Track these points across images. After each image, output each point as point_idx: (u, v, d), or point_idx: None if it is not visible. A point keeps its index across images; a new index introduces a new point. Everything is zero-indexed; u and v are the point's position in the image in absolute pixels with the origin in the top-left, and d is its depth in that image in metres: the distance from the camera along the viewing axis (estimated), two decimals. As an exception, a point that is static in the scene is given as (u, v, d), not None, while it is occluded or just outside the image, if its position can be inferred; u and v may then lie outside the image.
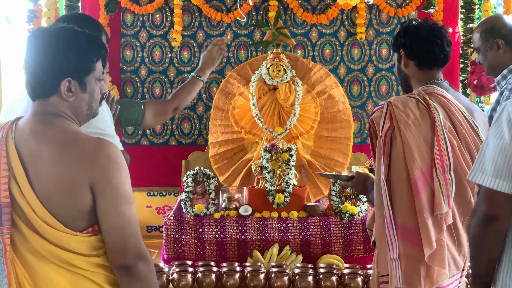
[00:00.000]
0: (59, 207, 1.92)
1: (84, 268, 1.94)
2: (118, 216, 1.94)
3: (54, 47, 1.98)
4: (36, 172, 1.92)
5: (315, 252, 3.83)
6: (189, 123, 4.97)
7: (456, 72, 4.88)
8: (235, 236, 3.83)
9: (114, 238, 1.94)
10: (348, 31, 4.95)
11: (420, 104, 2.61)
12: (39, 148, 1.93)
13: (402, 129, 2.53)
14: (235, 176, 4.41)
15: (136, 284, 1.96)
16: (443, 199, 2.46)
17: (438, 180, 2.48)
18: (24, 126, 2.00)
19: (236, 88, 4.55)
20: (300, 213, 3.91)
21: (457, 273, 2.64)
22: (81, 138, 1.97)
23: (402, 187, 2.52)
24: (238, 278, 3.46)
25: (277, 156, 4.03)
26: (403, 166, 2.53)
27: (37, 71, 1.98)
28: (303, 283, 3.40)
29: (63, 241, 1.92)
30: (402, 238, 2.53)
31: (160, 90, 4.95)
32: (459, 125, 2.61)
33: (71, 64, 1.99)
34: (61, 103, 2.02)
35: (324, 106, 4.46)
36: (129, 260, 1.94)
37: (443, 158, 2.49)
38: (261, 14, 4.91)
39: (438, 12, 4.83)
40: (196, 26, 4.94)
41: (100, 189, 1.93)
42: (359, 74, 4.96)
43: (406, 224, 2.52)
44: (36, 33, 2.02)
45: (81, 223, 1.95)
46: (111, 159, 1.95)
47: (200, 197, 4.02)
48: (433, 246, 2.46)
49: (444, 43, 2.75)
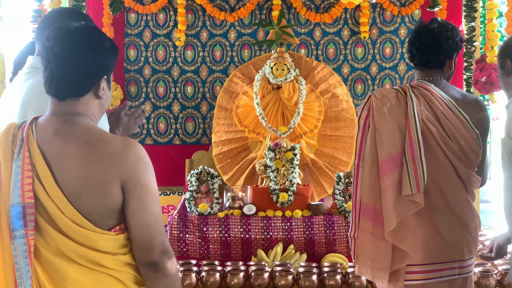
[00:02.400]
0: (88, 206, 1.91)
1: (110, 267, 1.95)
2: (147, 214, 1.96)
3: (95, 45, 1.99)
4: (62, 171, 1.91)
5: (319, 251, 3.83)
6: (193, 123, 4.98)
7: (460, 71, 4.87)
8: (239, 235, 3.84)
9: (143, 236, 1.96)
10: (352, 30, 4.95)
11: (399, 94, 2.72)
12: (65, 147, 1.93)
13: (376, 116, 2.68)
14: (239, 175, 4.41)
15: (162, 280, 1.98)
16: (410, 182, 2.57)
17: (406, 164, 2.59)
18: (45, 125, 1.99)
19: (240, 87, 4.55)
20: (304, 212, 3.91)
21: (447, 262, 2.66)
22: (108, 137, 1.98)
23: (370, 169, 2.66)
24: (243, 277, 3.47)
25: (281, 155, 4.03)
26: (372, 150, 2.67)
27: (73, 70, 1.97)
28: (308, 282, 3.40)
29: (91, 240, 1.92)
30: (366, 216, 2.66)
31: (164, 89, 4.96)
32: (442, 115, 2.69)
33: (109, 62, 2.03)
34: (92, 102, 2.03)
35: (327, 105, 4.46)
36: (156, 257, 1.96)
37: (412, 144, 2.60)
38: (265, 13, 4.91)
39: (442, 10, 4.83)
40: (199, 25, 4.94)
41: (131, 188, 1.94)
42: (363, 73, 4.96)
43: (371, 204, 2.65)
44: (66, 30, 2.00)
45: (110, 222, 1.96)
46: (140, 157, 1.97)
47: (204, 196, 4.02)
48: (392, 225, 2.57)
49: (425, 47, 2.81)
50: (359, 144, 2.73)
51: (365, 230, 2.66)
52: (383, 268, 2.62)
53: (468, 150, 2.70)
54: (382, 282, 2.63)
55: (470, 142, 2.70)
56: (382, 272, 2.62)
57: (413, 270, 2.66)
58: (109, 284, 1.95)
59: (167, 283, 1.99)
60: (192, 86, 4.96)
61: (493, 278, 3.35)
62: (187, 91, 4.96)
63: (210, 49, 4.94)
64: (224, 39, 4.94)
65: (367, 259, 2.67)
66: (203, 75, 4.95)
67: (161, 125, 4.97)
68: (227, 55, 4.94)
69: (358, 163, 2.73)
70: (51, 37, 1.98)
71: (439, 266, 2.67)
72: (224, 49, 4.94)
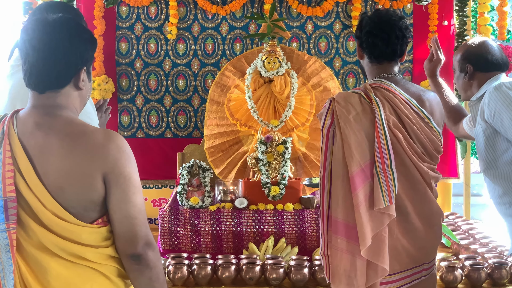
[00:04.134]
0: (71, 198, 1.91)
1: (93, 260, 1.95)
2: (130, 206, 1.96)
3: (69, 36, 1.98)
4: (44, 165, 1.91)
5: (311, 244, 3.84)
6: (184, 116, 4.97)
7: (451, 65, 4.87)
8: (230, 228, 3.84)
9: (126, 228, 1.96)
10: (344, 24, 4.95)
11: (362, 99, 2.60)
12: (47, 140, 1.92)
13: (342, 125, 2.53)
14: (230, 168, 4.41)
15: (146, 271, 1.99)
16: (382, 194, 2.46)
17: (377, 176, 2.49)
18: (26, 118, 1.98)
19: (232, 80, 4.55)
20: (295, 206, 3.92)
21: (415, 267, 2.65)
22: (90, 129, 1.98)
23: (341, 183, 2.53)
24: (234, 271, 3.47)
25: (272, 149, 4.03)
26: (341, 162, 2.53)
27: (53, 62, 1.96)
28: (299, 275, 3.41)
29: (73, 233, 1.92)
30: (338, 233, 2.54)
31: (155, 82, 4.95)
32: (406, 119, 2.60)
33: (87, 53, 2.03)
34: (72, 94, 2.03)
35: (319, 98, 4.46)
36: (140, 248, 1.96)
37: (383, 154, 2.49)
38: (257, 7, 4.91)
39: (433, 4, 4.83)
40: (191, 18, 4.93)
41: (113, 180, 1.94)
42: (355, 66, 4.96)
43: (344, 220, 2.53)
44: (43, 23, 1.99)
45: (92, 214, 1.96)
46: (122, 149, 1.97)
47: (195, 190, 4.02)
48: (367, 242, 2.47)
49: (392, 36, 2.70)
50: (324, 155, 2.59)
51: (338, 248, 2.55)
52: (360, 285, 2.53)
53: (431, 151, 2.66)
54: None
55: (433, 142, 2.66)
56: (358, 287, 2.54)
57: (385, 280, 2.61)
58: (92, 278, 1.96)
59: (151, 275, 1.99)
60: (184, 80, 4.95)
61: (483, 271, 3.37)
62: (178, 84, 4.95)
63: (201, 42, 4.93)
64: (215, 33, 4.93)
65: (341, 278, 2.56)
66: (195, 69, 4.94)
67: (152, 118, 4.96)
68: (218, 48, 4.94)
69: (324, 175, 2.59)
70: (29, 30, 1.98)
71: (407, 273, 2.64)
72: (216, 43, 4.93)
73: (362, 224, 2.48)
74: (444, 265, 3.38)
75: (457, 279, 3.36)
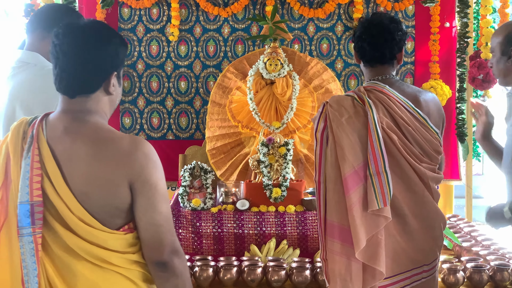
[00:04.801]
0: (96, 205, 1.91)
1: (119, 265, 1.95)
2: (156, 214, 1.96)
3: (100, 42, 1.98)
4: (71, 170, 1.91)
5: (312, 246, 3.83)
6: (186, 118, 4.97)
7: (453, 67, 4.88)
8: (232, 230, 3.84)
9: (152, 235, 1.96)
10: (345, 25, 4.95)
11: (355, 102, 2.61)
12: (74, 146, 1.92)
13: (334, 128, 2.54)
14: (232, 170, 4.41)
15: (172, 279, 1.99)
16: (376, 196, 2.46)
17: (371, 178, 2.48)
18: (56, 123, 1.98)
19: (233, 82, 4.55)
20: (297, 207, 3.91)
21: (415, 268, 2.64)
22: (117, 136, 1.98)
23: (334, 186, 2.54)
24: (236, 272, 3.47)
25: (274, 151, 4.03)
26: (334, 165, 2.54)
27: (83, 67, 1.96)
28: (300, 277, 3.41)
29: (99, 239, 1.92)
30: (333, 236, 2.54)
31: (157, 84, 4.95)
32: (401, 120, 2.60)
33: (118, 58, 2.03)
34: (103, 98, 2.03)
35: (321, 100, 4.46)
36: (166, 256, 1.97)
37: (376, 156, 2.49)
38: (258, 8, 4.91)
39: (435, 6, 4.83)
40: (193, 20, 4.93)
41: (139, 187, 1.94)
42: (356, 68, 4.96)
43: (339, 223, 2.53)
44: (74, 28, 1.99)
45: (118, 221, 1.96)
46: (148, 157, 1.97)
47: (197, 192, 4.02)
48: (361, 244, 2.46)
49: (380, 40, 2.71)
50: (318, 159, 2.60)
51: (332, 251, 2.55)
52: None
53: (429, 151, 2.65)
54: None
55: (430, 143, 2.65)
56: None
57: (384, 283, 2.60)
58: (118, 282, 1.96)
59: (177, 282, 1.99)
60: (186, 81, 4.95)
61: (485, 273, 3.36)
62: (180, 86, 4.95)
63: (203, 44, 4.93)
64: (217, 34, 4.93)
65: (336, 281, 2.56)
66: (197, 70, 4.94)
67: (154, 120, 4.96)
68: (220, 50, 4.94)
69: (319, 179, 2.60)
70: (59, 35, 1.98)
71: (406, 274, 2.63)
72: (218, 44, 4.94)
73: (355, 226, 2.47)
74: (446, 267, 3.37)
75: (459, 282, 3.35)
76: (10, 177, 1.93)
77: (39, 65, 2.67)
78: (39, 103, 2.54)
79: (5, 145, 1.99)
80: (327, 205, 2.58)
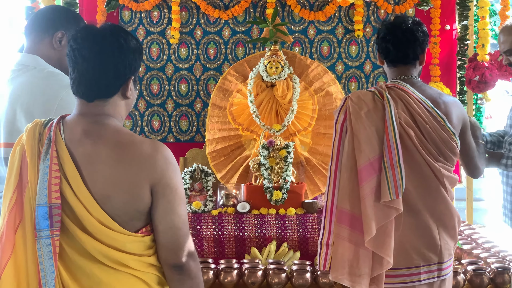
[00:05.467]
0: (118, 207, 1.91)
1: (135, 268, 1.94)
2: (175, 217, 1.97)
3: (119, 46, 1.98)
4: (91, 173, 1.91)
5: (313, 249, 3.83)
6: (187, 120, 4.97)
7: (454, 69, 4.88)
8: (232, 233, 3.84)
9: (170, 238, 1.96)
10: (346, 28, 4.95)
11: (375, 97, 2.69)
12: (95, 149, 1.92)
13: (353, 121, 2.65)
14: (232, 173, 4.41)
15: (187, 282, 2.00)
16: (388, 188, 2.55)
17: (385, 170, 2.57)
18: (74, 126, 1.98)
19: (234, 85, 4.55)
20: (297, 210, 3.92)
21: (425, 265, 2.66)
22: (138, 140, 1.98)
23: (349, 176, 2.63)
24: (236, 275, 3.47)
25: (274, 153, 4.03)
26: (351, 156, 2.64)
27: (103, 72, 1.96)
28: (301, 280, 3.41)
29: (118, 241, 1.91)
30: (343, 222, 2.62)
31: (157, 87, 4.95)
32: (419, 117, 2.67)
33: (135, 62, 2.04)
34: (120, 103, 2.03)
35: (321, 103, 4.46)
36: (183, 259, 1.97)
37: (391, 149, 2.58)
38: (259, 11, 4.91)
39: (435, 9, 4.84)
40: (193, 23, 4.94)
41: (160, 191, 1.95)
42: (357, 71, 4.96)
43: (351, 211, 2.62)
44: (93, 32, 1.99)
45: (137, 224, 1.96)
46: (168, 160, 1.97)
47: (197, 194, 4.02)
48: (372, 232, 2.54)
49: (403, 40, 2.79)
50: (336, 149, 2.69)
51: (341, 236, 2.63)
52: (363, 274, 2.59)
53: (445, 151, 2.69)
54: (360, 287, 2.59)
55: (447, 143, 2.69)
56: (361, 279, 2.59)
57: (392, 273, 2.64)
58: (133, 285, 1.96)
59: (191, 285, 2.00)
60: (186, 84, 4.95)
61: (486, 276, 3.36)
62: (181, 88, 4.95)
63: (204, 46, 4.94)
64: (218, 37, 4.94)
65: (344, 266, 2.62)
66: (197, 73, 4.95)
67: (155, 122, 4.97)
68: (221, 52, 4.94)
69: (336, 169, 2.69)
70: (78, 39, 1.97)
71: (417, 270, 2.66)
72: (218, 47, 4.94)
73: (367, 215, 2.55)
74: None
75: (460, 284, 3.36)
76: (26, 179, 1.92)
77: (38, 67, 2.66)
78: (39, 106, 2.53)
79: (19, 147, 1.98)
80: (339, 193, 2.66)
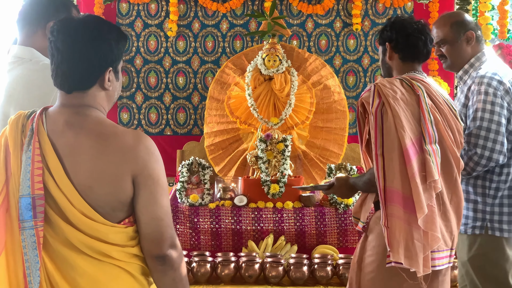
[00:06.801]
0: (100, 199, 1.91)
1: (119, 258, 1.95)
2: (158, 207, 1.96)
3: (97, 37, 1.97)
4: (74, 164, 1.90)
5: (310, 242, 3.84)
6: (184, 113, 4.96)
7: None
8: (230, 226, 3.84)
9: (153, 229, 1.96)
10: (344, 22, 4.94)
11: (404, 83, 2.74)
12: (77, 140, 1.92)
13: (391, 103, 2.65)
14: (230, 166, 4.41)
15: (170, 272, 2.00)
16: (434, 167, 2.58)
17: (427, 150, 2.61)
18: (56, 117, 1.97)
19: (232, 78, 4.54)
20: (295, 204, 3.92)
21: (446, 250, 2.69)
22: (120, 130, 1.98)
23: (395, 156, 2.63)
24: (233, 268, 3.47)
25: (272, 146, 4.03)
26: (395, 136, 2.64)
27: (75, 64, 1.95)
28: (298, 273, 3.41)
29: (101, 232, 1.91)
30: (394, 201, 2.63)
31: (155, 80, 4.94)
32: (440, 105, 2.74)
33: (113, 53, 2.01)
34: (99, 94, 2.02)
35: (319, 96, 4.46)
36: (165, 249, 1.97)
37: (429, 130, 2.63)
38: (257, 4, 4.90)
39: (434, 3, 4.83)
40: (191, 16, 4.92)
41: (142, 181, 1.94)
42: (355, 64, 4.95)
43: (400, 190, 2.62)
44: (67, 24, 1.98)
45: (120, 214, 1.96)
46: (150, 151, 1.98)
47: (195, 187, 4.02)
48: (424, 210, 2.57)
49: (427, 39, 2.87)
50: (375, 133, 2.69)
51: (396, 216, 2.62)
52: (418, 253, 2.59)
53: (460, 142, 2.77)
54: (418, 267, 2.58)
55: (460, 135, 2.77)
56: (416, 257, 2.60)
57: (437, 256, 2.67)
58: (117, 275, 1.96)
59: (174, 276, 2.00)
60: (184, 77, 4.94)
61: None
62: (178, 81, 4.94)
63: (202, 39, 4.92)
64: (216, 30, 4.93)
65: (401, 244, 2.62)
66: (195, 66, 4.93)
67: (152, 115, 4.96)
68: (219, 46, 4.93)
69: (378, 153, 2.68)
70: (54, 31, 1.96)
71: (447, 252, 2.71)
72: (216, 40, 4.93)
73: (418, 194, 2.57)
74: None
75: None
76: (10, 171, 1.93)
77: (34, 60, 2.65)
78: (34, 98, 2.52)
79: (3, 138, 1.98)
80: (387, 174, 2.66)
